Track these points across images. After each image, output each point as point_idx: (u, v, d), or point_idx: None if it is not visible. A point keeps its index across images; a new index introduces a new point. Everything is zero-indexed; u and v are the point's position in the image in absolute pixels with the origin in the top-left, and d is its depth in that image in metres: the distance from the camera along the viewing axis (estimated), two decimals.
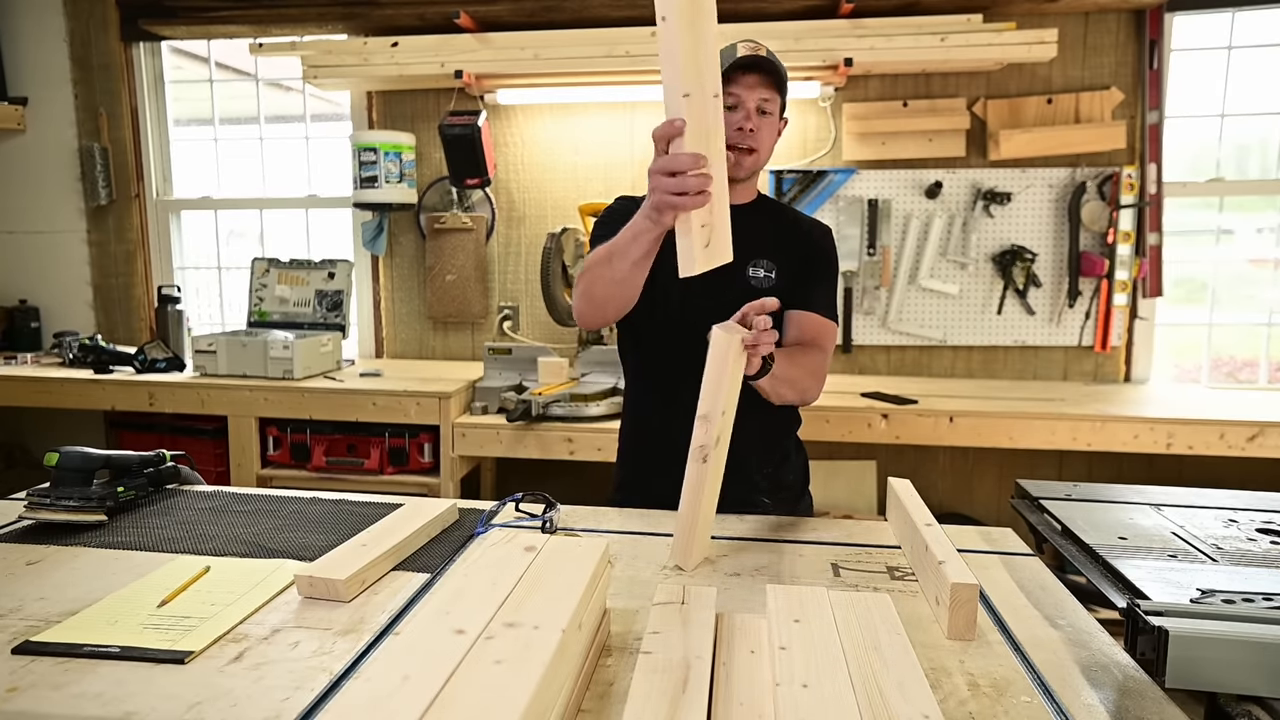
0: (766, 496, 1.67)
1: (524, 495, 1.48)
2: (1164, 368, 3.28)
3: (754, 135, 1.55)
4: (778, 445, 1.72)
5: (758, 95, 1.53)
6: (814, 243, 1.69)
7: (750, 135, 1.54)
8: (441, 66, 3.06)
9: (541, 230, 3.39)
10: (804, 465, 1.81)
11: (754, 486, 1.66)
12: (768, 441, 1.68)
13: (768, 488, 1.68)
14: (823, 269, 1.68)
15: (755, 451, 1.64)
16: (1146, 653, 0.88)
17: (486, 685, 0.69)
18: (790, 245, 1.66)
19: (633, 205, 1.66)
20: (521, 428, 2.72)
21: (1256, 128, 3.20)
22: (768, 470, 1.68)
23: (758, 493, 1.66)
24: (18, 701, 0.86)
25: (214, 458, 3.01)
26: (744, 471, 1.62)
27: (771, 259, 1.62)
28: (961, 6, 2.95)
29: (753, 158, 1.57)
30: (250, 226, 3.82)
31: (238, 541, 1.33)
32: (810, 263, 1.66)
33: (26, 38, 3.62)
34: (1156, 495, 1.48)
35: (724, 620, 1.01)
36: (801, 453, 1.80)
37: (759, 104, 1.54)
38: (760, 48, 1.53)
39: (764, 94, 1.54)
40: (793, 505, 1.73)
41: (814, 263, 1.67)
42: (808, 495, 1.81)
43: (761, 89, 1.53)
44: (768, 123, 1.57)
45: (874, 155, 3.19)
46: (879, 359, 3.34)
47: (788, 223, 1.70)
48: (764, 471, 1.68)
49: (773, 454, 1.70)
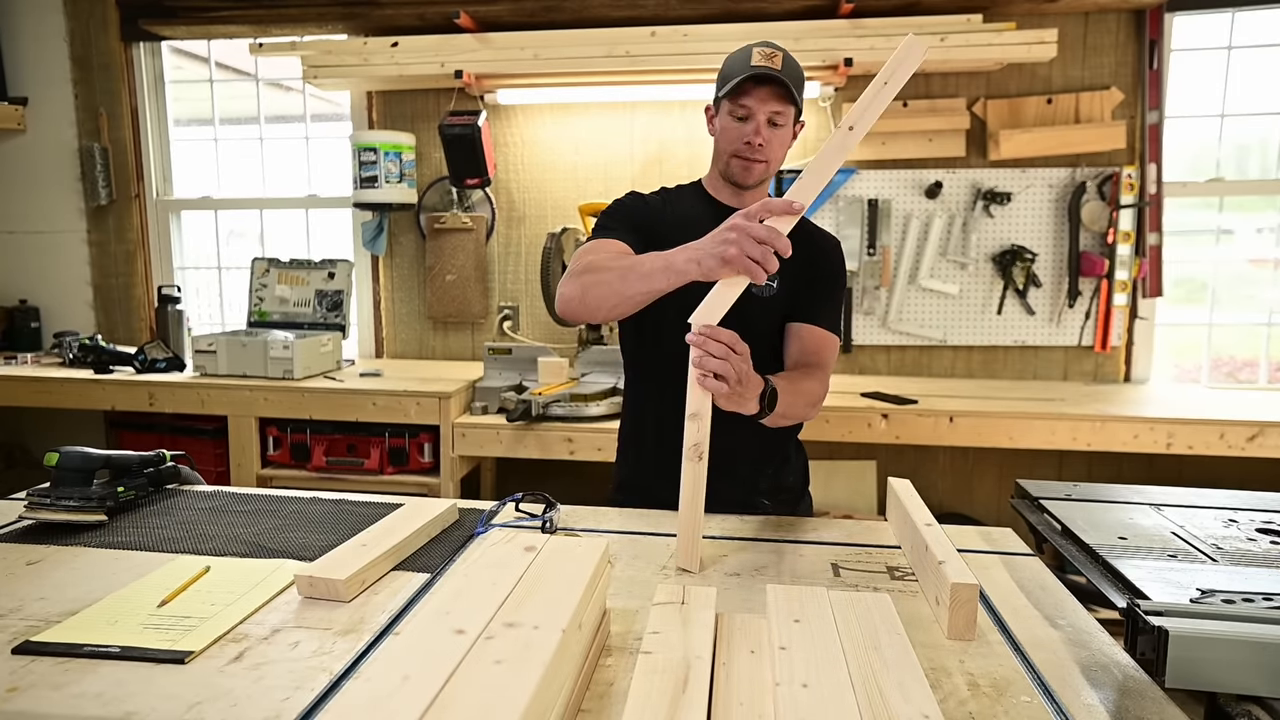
0: (766, 499, 1.67)
1: (524, 495, 1.48)
2: (1164, 368, 3.28)
3: (764, 149, 1.53)
4: (778, 449, 1.72)
5: (769, 108, 1.51)
6: (823, 256, 1.65)
7: (760, 149, 1.53)
8: (441, 66, 3.06)
9: (541, 230, 3.40)
10: (804, 466, 1.80)
11: (754, 489, 1.66)
12: (767, 446, 1.67)
13: (767, 489, 1.68)
14: (829, 283, 1.65)
15: (754, 455, 1.64)
16: (1146, 653, 0.88)
17: (486, 685, 0.69)
18: (798, 256, 1.61)
19: (642, 203, 1.66)
20: (521, 428, 2.72)
21: (1256, 128, 3.20)
22: (769, 472, 1.68)
23: (757, 494, 1.66)
24: (18, 701, 0.86)
25: (214, 458, 3.01)
26: (743, 475, 1.63)
27: (780, 272, 1.61)
28: (961, 6, 2.95)
29: (762, 167, 1.56)
30: (250, 226, 3.82)
31: (238, 541, 1.33)
32: (817, 276, 1.63)
33: (26, 38, 3.62)
34: (1156, 495, 1.47)
35: (724, 620, 1.01)
36: (801, 454, 1.80)
37: (770, 116, 1.52)
38: (776, 55, 1.50)
39: (776, 107, 1.51)
40: (793, 506, 1.73)
41: (821, 276, 1.63)
42: (808, 496, 1.81)
43: (774, 102, 1.51)
44: (779, 135, 1.54)
45: (874, 155, 3.19)
46: (879, 359, 3.34)
47: (797, 233, 1.67)
48: (765, 473, 1.67)
49: (773, 457, 1.70)
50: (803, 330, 1.59)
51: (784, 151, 1.58)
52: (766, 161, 1.55)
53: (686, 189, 1.71)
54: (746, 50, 1.52)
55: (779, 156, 1.57)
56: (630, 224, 1.60)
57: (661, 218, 1.63)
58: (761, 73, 1.48)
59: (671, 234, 1.62)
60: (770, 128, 1.53)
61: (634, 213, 1.64)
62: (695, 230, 1.45)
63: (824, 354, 1.59)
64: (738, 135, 1.54)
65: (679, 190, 1.71)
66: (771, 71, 1.48)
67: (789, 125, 1.56)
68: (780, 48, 1.52)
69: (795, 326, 1.60)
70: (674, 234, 1.62)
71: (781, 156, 1.58)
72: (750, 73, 1.49)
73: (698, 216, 1.58)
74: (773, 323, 1.62)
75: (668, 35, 2.98)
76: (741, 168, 1.56)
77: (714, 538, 1.38)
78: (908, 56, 1.24)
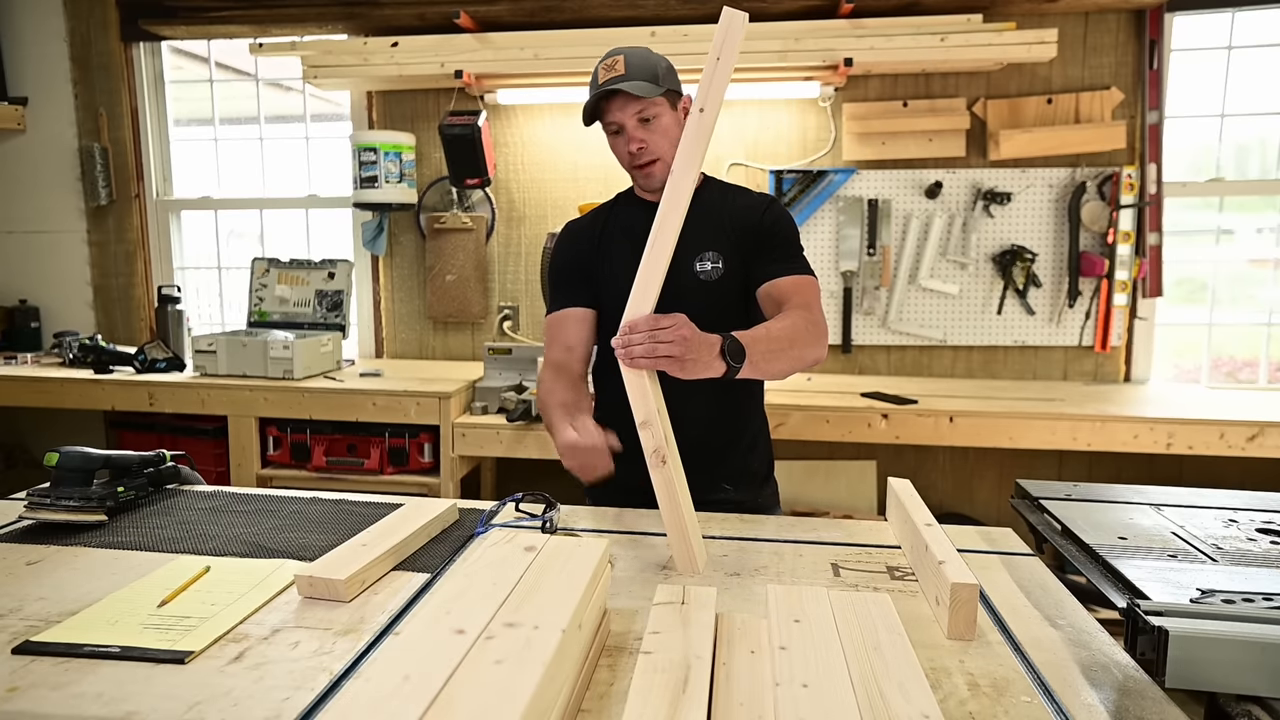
0: (728, 483, 1.65)
1: (524, 495, 1.48)
2: (1164, 368, 3.28)
3: (646, 148, 1.55)
4: (740, 432, 1.69)
5: (631, 112, 1.53)
6: (754, 215, 1.63)
7: (642, 151, 1.55)
8: (441, 66, 3.06)
9: (541, 230, 3.40)
10: (768, 451, 1.77)
11: (715, 474, 1.64)
12: (727, 428, 1.65)
13: (729, 474, 1.66)
14: (771, 236, 1.62)
15: (713, 437, 1.63)
16: (1146, 653, 0.88)
17: (486, 685, 0.69)
18: (738, 229, 1.62)
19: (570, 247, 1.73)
20: (521, 428, 2.72)
21: (1256, 128, 3.20)
22: (731, 456, 1.66)
23: (719, 479, 1.64)
24: (18, 701, 0.86)
25: (214, 458, 3.01)
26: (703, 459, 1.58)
27: (718, 249, 1.60)
28: (961, 6, 2.95)
29: (658, 165, 1.57)
30: (250, 226, 3.82)
31: (238, 541, 1.33)
32: (759, 237, 1.61)
33: (26, 38, 3.62)
34: (1156, 495, 1.47)
35: (724, 620, 1.01)
36: (766, 439, 1.76)
37: (636, 117, 1.54)
38: (617, 60, 1.52)
39: (636, 108, 1.53)
40: (756, 492, 1.70)
41: (764, 236, 1.61)
42: (772, 482, 1.77)
43: (632, 105, 1.53)
44: (657, 127, 1.55)
45: (874, 155, 3.19)
46: (879, 359, 3.34)
47: (732, 208, 1.65)
48: (727, 457, 1.65)
49: (735, 441, 1.67)
50: (769, 287, 1.57)
51: (669, 140, 1.56)
52: (657, 159, 1.57)
53: (624, 196, 1.75)
54: (596, 69, 1.55)
55: (665, 146, 1.56)
56: (571, 280, 1.68)
57: (599, 241, 1.68)
58: (606, 89, 1.52)
59: (614, 246, 1.67)
60: (643, 126, 1.55)
61: (568, 265, 1.71)
62: (632, 234, 1.56)
63: (797, 296, 1.53)
64: (622, 151, 1.59)
65: (619, 198, 1.75)
66: (615, 83, 1.51)
67: (664, 113, 1.56)
68: (622, 50, 1.54)
69: (761, 291, 1.58)
70: (617, 245, 1.67)
71: (668, 145, 1.56)
72: (598, 92, 1.54)
73: (633, 221, 1.64)
74: (731, 301, 1.61)
75: (667, 35, 2.98)
76: (642, 176, 1.61)
77: (714, 538, 1.38)
78: (729, 28, 1.24)
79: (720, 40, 1.24)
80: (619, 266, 1.60)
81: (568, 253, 1.73)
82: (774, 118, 3.27)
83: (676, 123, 1.57)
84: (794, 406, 2.71)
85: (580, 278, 1.68)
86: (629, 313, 1.24)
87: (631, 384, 1.23)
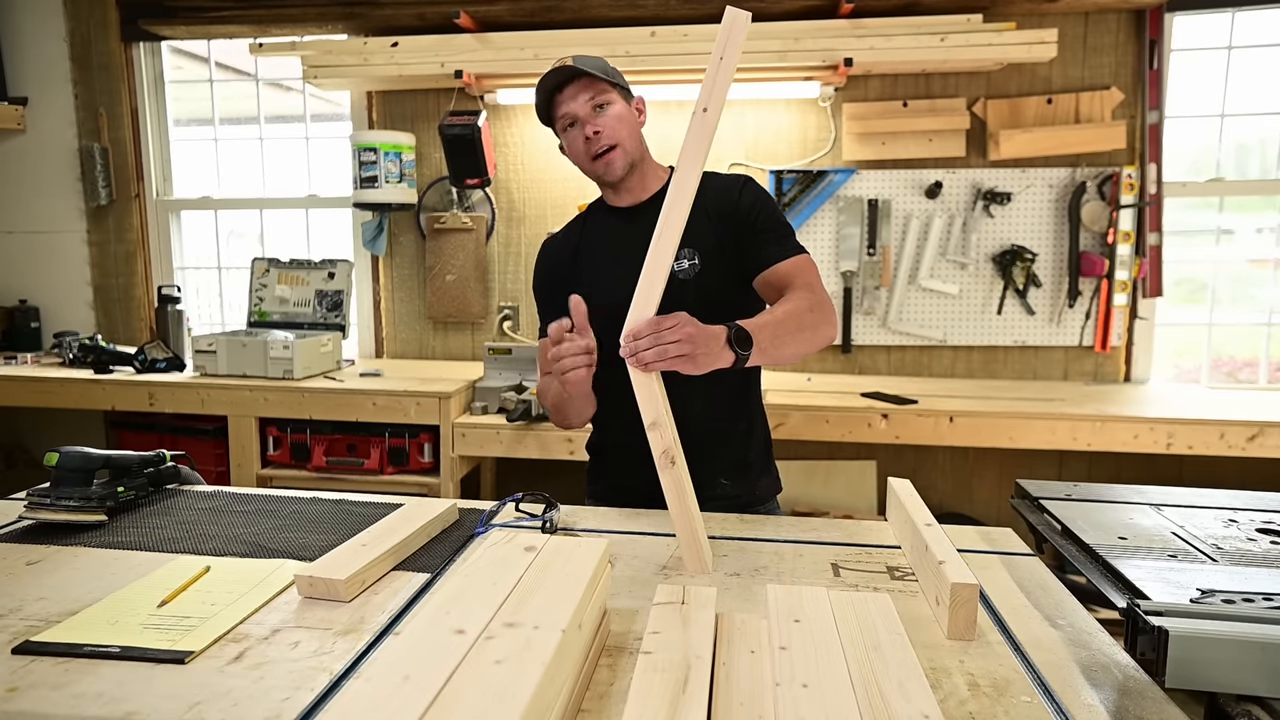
0: (725, 477, 1.63)
1: (524, 495, 1.48)
2: (1164, 368, 3.28)
3: (601, 134, 1.53)
4: (734, 423, 1.66)
5: (583, 99, 1.52)
6: (736, 202, 1.58)
7: (598, 137, 1.53)
8: (441, 66, 3.06)
9: (541, 230, 3.40)
10: (766, 442, 1.74)
11: (712, 467, 1.61)
12: (723, 420, 1.63)
13: (726, 467, 1.63)
14: (759, 220, 1.57)
15: (709, 430, 1.60)
16: (1146, 653, 0.88)
17: (486, 685, 0.69)
18: (715, 215, 1.58)
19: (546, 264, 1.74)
20: (521, 428, 2.72)
21: (1256, 128, 3.20)
22: (727, 448, 1.64)
23: (716, 473, 1.62)
24: (18, 701, 0.86)
25: (214, 458, 3.01)
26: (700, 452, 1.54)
27: (693, 245, 1.55)
28: (961, 6, 2.95)
29: (617, 152, 1.55)
30: (250, 226, 3.82)
31: (238, 541, 1.33)
32: (744, 224, 1.57)
33: (26, 38, 3.62)
34: (1156, 495, 1.47)
35: (724, 620, 1.01)
36: (764, 429, 1.74)
37: (590, 104, 1.53)
38: (565, 60, 1.52)
39: (588, 94, 1.52)
40: (754, 485, 1.68)
41: (747, 221, 1.57)
42: (770, 474, 1.74)
43: (584, 92, 1.52)
44: (612, 113, 1.54)
45: (874, 155, 3.19)
46: (879, 359, 3.34)
47: (705, 196, 1.55)
48: (724, 449, 1.63)
49: (730, 433, 1.65)
50: (767, 274, 1.54)
51: (629, 125, 1.56)
52: (615, 144, 1.54)
53: (595, 206, 1.73)
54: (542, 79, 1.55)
55: (623, 132, 1.55)
56: (553, 297, 1.65)
57: (576, 255, 1.68)
58: (555, 79, 1.52)
59: (590, 258, 1.67)
60: (597, 112, 1.54)
61: (546, 283, 1.72)
62: (606, 242, 1.60)
63: (800, 277, 1.50)
64: (578, 145, 1.56)
65: (591, 209, 1.73)
66: (564, 68, 1.50)
67: (618, 102, 1.55)
68: (569, 57, 1.55)
69: (759, 279, 1.55)
70: (592, 254, 1.67)
71: (627, 133, 1.55)
72: (548, 85, 1.53)
73: (606, 228, 1.65)
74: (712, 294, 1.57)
75: (667, 35, 2.99)
76: (603, 165, 1.56)
77: (714, 538, 1.38)
78: (732, 27, 1.23)
79: (723, 40, 1.24)
80: (595, 277, 1.60)
81: (546, 270, 1.72)
82: (774, 118, 3.27)
83: (630, 114, 1.57)
84: (794, 406, 2.71)
85: (561, 292, 1.61)
86: (632, 317, 1.24)
87: (640, 387, 1.22)
